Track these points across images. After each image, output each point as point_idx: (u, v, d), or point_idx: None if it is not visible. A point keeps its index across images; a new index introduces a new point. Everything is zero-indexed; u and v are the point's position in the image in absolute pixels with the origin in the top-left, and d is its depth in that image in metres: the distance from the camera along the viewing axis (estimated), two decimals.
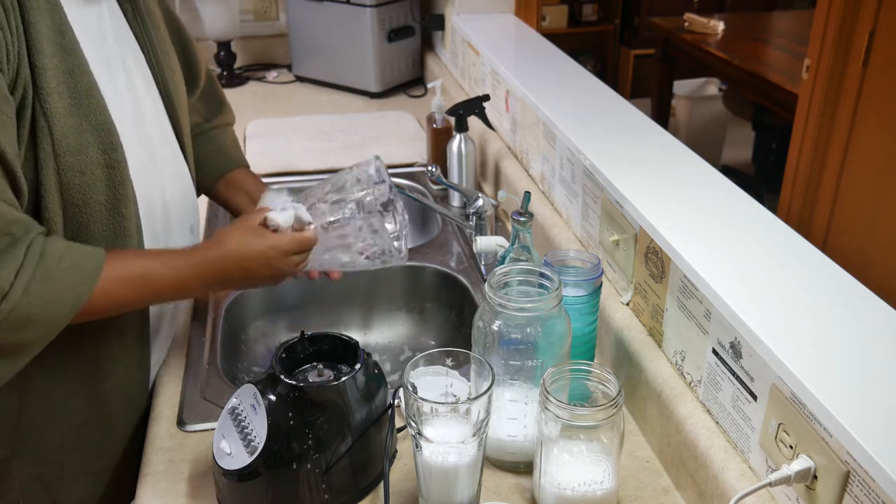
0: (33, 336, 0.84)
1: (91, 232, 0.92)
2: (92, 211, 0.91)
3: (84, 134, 0.88)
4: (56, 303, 0.83)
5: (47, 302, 0.82)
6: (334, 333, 0.97)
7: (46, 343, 0.86)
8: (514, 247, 1.11)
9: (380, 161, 1.01)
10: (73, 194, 0.89)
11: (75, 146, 0.87)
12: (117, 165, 0.92)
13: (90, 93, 0.89)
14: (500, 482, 0.95)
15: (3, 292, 0.79)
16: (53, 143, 0.85)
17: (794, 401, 0.74)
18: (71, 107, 0.86)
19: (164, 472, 0.97)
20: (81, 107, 0.88)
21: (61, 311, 0.84)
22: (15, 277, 0.80)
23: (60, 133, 0.85)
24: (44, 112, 0.84)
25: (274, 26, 2.65)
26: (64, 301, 0.84)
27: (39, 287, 0.81)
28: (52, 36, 0.85)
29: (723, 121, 4.22)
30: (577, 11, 4.75)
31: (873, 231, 1.91)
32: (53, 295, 0.83)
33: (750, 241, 0.95)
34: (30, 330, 0.83)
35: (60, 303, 0.84)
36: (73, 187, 0.89)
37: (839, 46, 1.91)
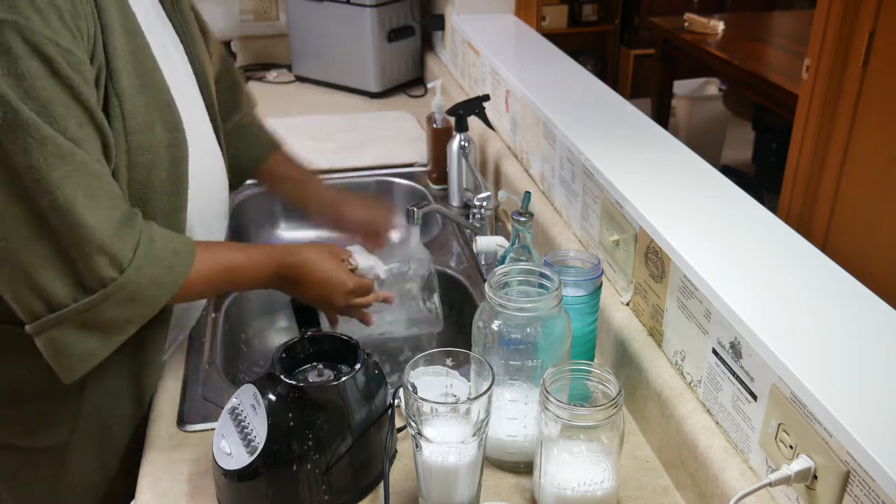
0: (134, 314, 0.89)
1: (150, 207, 0.95)
2: (154, 187, 0.94)
3: (151, 113, 0.91)
4: (160, 284, 0.89)
5: (153, 282, 0.88)
6: (334, 333, 0.97)
7: (141, 325, 0.91)
8: (514, 247, 1.11)
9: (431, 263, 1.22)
10: (140, 171, 0.92)
11: (143, 125, 0.90)
12: (179, 144, 0.95)
13: (154, 73, 0.92)
14: (500, 482, 0.95)
15: (121, 267, 0.85)
16: (124, 122, 0.88)
17: (794, 401, 0.74)
18: (139, 86, 0.89)
19: (164, 472, 0.97)
20: (147, 86, 0.90)
21: (163, 292, 0.90)
22: (133, 254, 0.85)
23: (130, 112, 0.88)
24: (116, 92, 0.86)
25: (274, 26, 2.65)
26: (166, 283, 0.90)
27: (149, 267, 0.87)
28: (119, 18, 0.87)
29: (723, 121, 4.22)
30: (577, 11, 4.74)
31: (873, 231, 1.91)
32: (159, 276, 0.89)
33: (750, 241, 0.95)
34: (133, 307, 0.88)
35: (163, 284, 0.89)
36: (140, 165, 0.92)
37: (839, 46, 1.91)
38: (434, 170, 1.74)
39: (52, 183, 0.79)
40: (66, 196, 0.80)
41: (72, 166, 0.80)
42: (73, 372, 0.88)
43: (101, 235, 0.83)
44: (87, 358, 0.88)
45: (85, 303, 0.84)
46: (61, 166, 0.79)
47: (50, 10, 0.77)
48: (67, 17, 0.80)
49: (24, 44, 0.75)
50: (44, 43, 0.76)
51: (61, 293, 0.83)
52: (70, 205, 0.81)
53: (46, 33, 0.77)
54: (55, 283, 0.83)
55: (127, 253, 0.85)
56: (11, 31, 0.74)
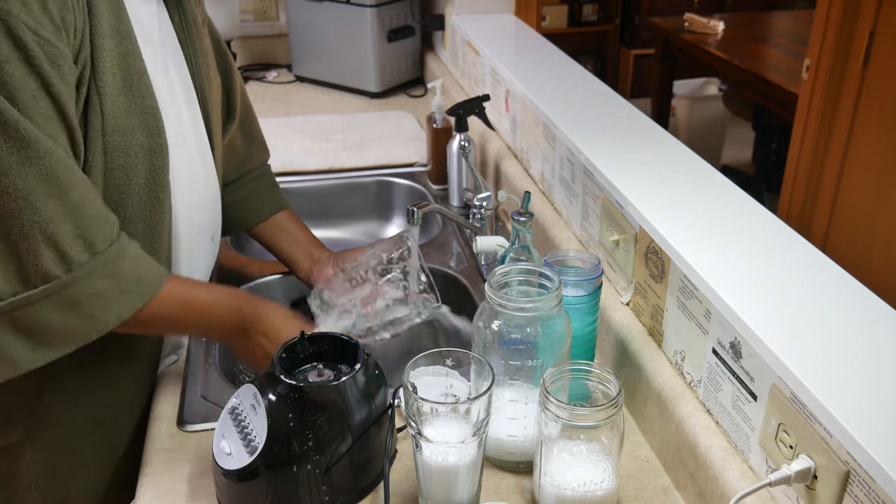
0: (71, 325, 0.84)
1: (127, 213, 0.94)
2: (131, 192, 0.93)
3: (132, 116, 0.89)
4: (107, 302, 0.85)
5: (99, 297, 0.84)
6: (334, 333, 0.97)
7: (77, 345, 0.86)
8: (514, 247, 1.11)
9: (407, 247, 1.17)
10: (116, 174, 0.91)
11: (123, 127, 0.88)
12: (159, 150, 0.94)
13: (141, 78, 0.91)
14: (500, 482, 0.95)
15: (69, 267, 0.81)
16: (103, 122, 0.87)
17: (794, 401, 0.74)
18: (122, 88, 0.88)
19: (164, 472, 0.97)
20: (131, 89, 0.89)
21: (108, 314, 0.86)
22: (88, 259, 0.82)
23: (111, 112, 0.87)
24: (98, 90, 0.85)
25: (274, 26, 2.65)
26: (114, 305, 0.86)
27: (102, 281, 0.84)
28: (110, 19, 0.86)
29: (723, 121, 4.22)
30: (577, 11, 4.75)
31: (873, 231, 1.91)
32: (109, 294, 0.85)
33: (750, 241, 0.95)
34: (71, 316, 0.83)
35: (110, 304, 0.85)
36: (117, 168, 0.90)
37: (839, 46, 1.92)
38: (434, 170, 1.74)
39: (9, 167, 0.77)
40: (24, 182, 0.77)
41: (35, 153, 0.78)
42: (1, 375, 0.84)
43: (55, 230, 0.80)
44: (13, 365, 0.84)
45: (22, 297, 0.80)
46: (22, 150, 0.77)
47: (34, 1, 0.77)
48: (53, 9, 0.79)
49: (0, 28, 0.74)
50: (20, 28, 0.75)
51: (1, 286, 0.80)
52: (25, 192, 0.78)
53: (25, 20, 0.76)
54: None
55: (81, 255, 0.82)
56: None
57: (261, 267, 1.45)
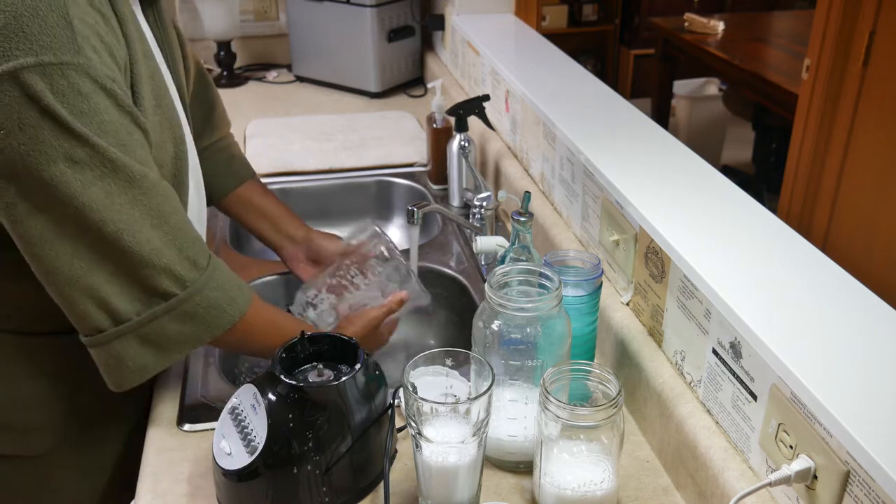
0: (190, 333, 0.92)
1: None
2: None
3: (164, 131, 0.94)
4: (219, 310, 0.93)
5: (212, 306, 0.92)
6: (334, 333, 0.97)
7: (192, 350, 0.94)
8: (514, 247, 1.11)
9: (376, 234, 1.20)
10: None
11: (159, 142, 0.93)
12: (183, 157, 0.99)
13: (166, 93, 0.96)
14: (500, 482, 0.95)
15: (184, 285, 0.89)
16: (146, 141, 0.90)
17: (794, 401, 0.74)
18: (155, 107, 0.92)
19: (164, 472, 0.97)
20: (161, 106, 0.94)
21: (222, 319, 0.93)
22: (198, 276, 0.90)
23: (150, 130, 0.90)
24: (141, 113, 0.89)
25: (274, 26, 2.65)
26: (226, 311, 0.93)
27: (212, 291, 0.92)
28: (139, 44, 0.90)
29: (723, 121, 4.22)
30: (577, 11, 4.75)
31: (873, 231, 1.91)
32: (219, 302, 0.93)
33: (750, 241, 0.95)
34: (190, 326, 0.91)
35: (223, 311, 0.93)
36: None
37: (839, 46, 1.92)
38: (434, 170, 1.74)
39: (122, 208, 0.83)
40: (134, 219, 0.84)
41: (140, 191, 0.85)
42: (126, 384, 0.91)
43: (167, 257, 0.87)
44: (141, 371, 0.91)
45: (147, 315, 0.88)
46: (130, 191, 0.84)
47: (102, 49, 0.81)
48: (115, 52, 0.84)
49: (91, 83, 0.79)
50: (105, 80, 0.81)
51: (125, 307, 0.87)
52: (138, 226, 0.85)
53: (105, 70, 0.81)
54: (120, 299, 0.86)
55: (191, 273, 0.90)
56: (81, 72, 0.78)
57: (260, 267, 1.45)
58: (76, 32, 0.78)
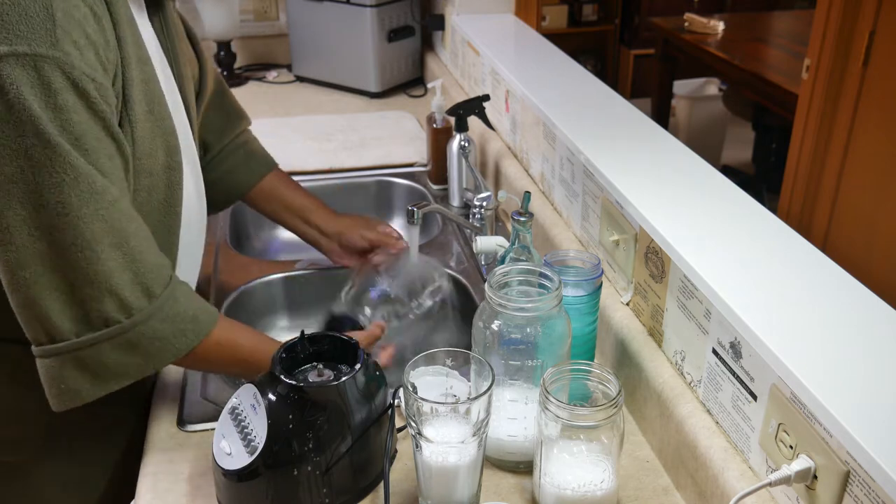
0: (131, 364, 0.88)
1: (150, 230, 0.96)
2: (152, 210, 0.95)
3: (155, 138, 0.92)
4: (166, 343, 0.88)
5: (159, 338, 0.88)
6: (334, 333, 0.97)
7: (135, 380, 0.89)
8: (514, 247, 1.11)
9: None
10: (141, 194, 0.93)
11: (149, 150, 0.91)
12: (177, 167, 0.96)
13: (160, 100, 0.93)
14: (500, 482, 0.95)
15: (129, 313, 0.85)
16: (133, 148, 0.88)
17: (794, 401, 0.74)
18: (147, 113, 0.90)
19: (164, 472, 0.97)
20: (153, 113, 0.91)
21: (167, 353, 0.89)
22: (147, 304, 0.86)
23: (139, 138, 0.89)
24: (129, 119, 0.87)
25: (274, 26, 2.65)
26: (173, 345, 0.89)
27: (160, 323, 0.87)
28: (133, 49, 0.88)
29: (723, 121, 4.22)
30: (577, 11, 4.74)
31: (873, 231, 1.91)
32: (168, 335, 0.88)
33: (750, 241, 0.95)
34: (132, 357, 0.87)
35: (169, 345, 0.89)
36: (142, 188, 0.92)
37: (839, 46, 1.91)
38: (434, 170, 1.74)
39: (80, 220, 0.80)
40: (93, 234, 0.81)
41: (102, 205, 0.81)
42: (62, 403, 0.88)
43: (117, 279, 0.83)
44: (74, 395, 0.87)
45: (85, 339, 0.84)
46: (92, 203, 0.80)
47: (86, 46, 0.79)
48: (101, 52, 0.81)
49: (64, 79, 0.77)
50: (81, 78, 0.78)
51: (65, 326, 0.83)
52: (94, 243, 0.81)
53: (84, 68, 0.78)
54: (61, 316, 0.83)
55: (140, 302, 0.85)
56: (53, 66, 0.76)
57: (261, 267, 1.45)
58: (56, 25, 0.76)
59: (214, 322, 0.93)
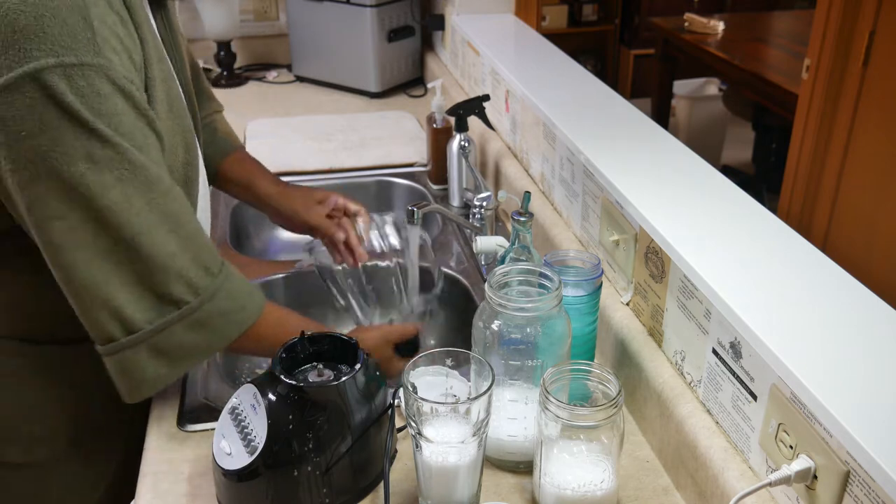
0: (201, 342, 0.91)
1: None
2: None
3: (175, 136, 0.94)
4: (230, 318, 0.92)
5: (223, 314, 0.91)
6: (334, 333, 0.97)
7: (204, 359, 0.94)
8: (514, 247, 1.11)
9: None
10: None
11: (171, 147, 0.92)
12: (193, 162, 0.98)
13: (179, 98, 0.96)
14: (500, 482, 0.95)
15: (197, 293, 0.89)
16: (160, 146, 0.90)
17: (794, 401, 0.74)
18: (168, 111, 0.92)
19: (164, 472, 0.97)
20: (173, 110, 0.93)
21: (232, 327, 0.93)
22: (210, 283, 0.90)
23: (164, 136, 0.90)
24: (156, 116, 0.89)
25: (274, 26, 2.65)
26: (236, 319, 0.93)
27: (223, 300, 0.91)
28: (153, 50, 0.90)
29: (723, 121, 4.22)
30: (577, 11, 4.75)
31: (873, 231, 1.91)
32: (231, 310, 0.92)
33: (750, 241, 0.95)
34: (202, 335, 0.90)
35: (233, 319, 0.92)
36: None
37: (839, 46, 1.91)
38: (434, 170, 1.74)
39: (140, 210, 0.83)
40: (151, 222, 0.84)
41: (157, 194, 0.84)
42: (138, 394, 0.91)
43: (180, 262, 0.87)
44: (154, 382, 0.90)
45: (160, 324, 0.87)
46: (147, 193, 0.83)
47: (122, 51, 0.82)
48: (133, 56, 0.84)
49: (110, 84, 0.79)
50: (123, 82, 0.81)
51: (138, 317, 0.86)
52: (154, 231, 0.84)
53: (124, 72, 0.81)
54: (133, 308, 0.86)
55: (204, 280, 0.89)
56: (100, 73, 0.78)
57: (261, 267, 1.45)
58: (96, 34, 0.78)
59: (263, 299, 0.98)
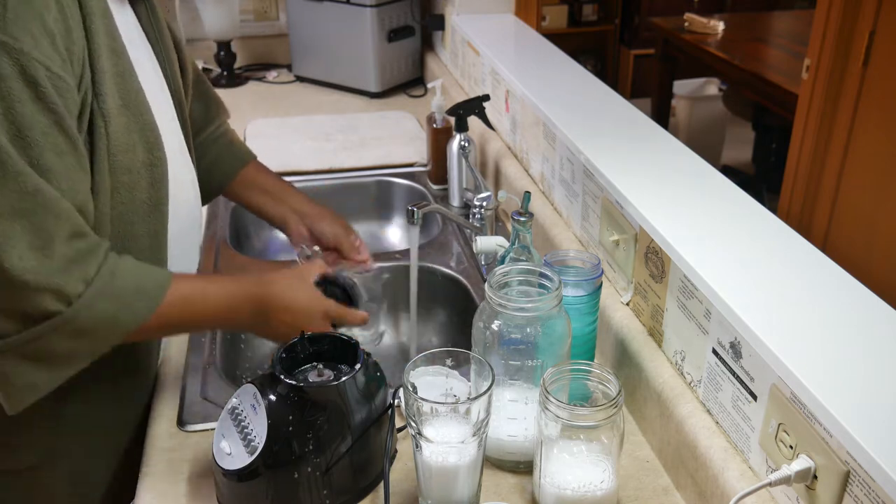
0: (83, 349, 0.85)
1: (133, 229, 0.94)
2: (136, 208, 0.94)
3: (132, 133, 0.90)
4: (113, 320, 0.85)
5: (107, 319, 0.85)
6: (334, 333, 0.97)
7: (92, 359, 0.87)
8: (514, 247, 1.11)
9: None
10: (122, 192, 0.91)
11: (125, 145, 0.89)
12: (159, 163, 0.95)
13: (137, 94, 0.91)
14: (500, 482, 0.95)
15: (68, 301, 0.81)
16: (108, 143, 0.87)
17: (794, 401, 0.74)
18: (121, 107, 0.88)
19: (164, 472, 0.97)
20: (130, 107, 0.90)
21: (117, 330, 0.86)
22: (85, 288, 0.82)
23: (114, 133, 0.87)
24: (101, 113, 0.86)
25: (274, 26, 2.65)
26: (121, 320, 0.86)
27: (103, 303, 0.84)
28: (106, 40, 0.86)
29: (723, 121, 4.22)
30: (577, 11, 4.75)
31: (873, 231, 1.91)
32: (113, 312, 0.85)
33: (750, 241, 0.95)
34: (82, 342, 0.85)
35: (117, 321, 0.86)
36: (122, 185, 0.91)
37: (839, 46, 1.91)
38: (434, 170, 1.74)
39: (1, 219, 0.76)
40: (13, 235, 0.77)
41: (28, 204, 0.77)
42: (16, 403, 0.85)
43: (45, 275, 0.79)
44: (29, 390, 0.84)
45: (30, 332, 0.81)
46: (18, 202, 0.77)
47: (42, 34, 0.77)
48: (59, 42, 0.79)
49: (11, 65, 0.75)
50: (33, 65, 0.76)
51: (6, 325, 0.80)
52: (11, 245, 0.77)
53: (37, 56, 0.76)
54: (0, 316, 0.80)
55: (76, 287, 0.82)
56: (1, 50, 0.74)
57: (261, 267, 1.45)
58: (7, 9, 0.74)
59: (165, 289, 0.89)
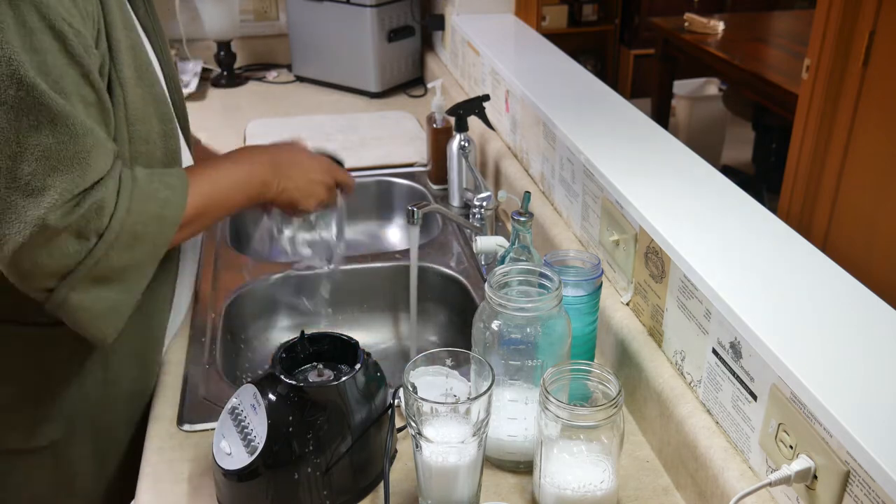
0: (143, 255, 0.89)
1: None
2: None
3: (147, 105, 0.93)
4: (159, 218, 0.89)
5: (150, 218, 0.88)
6: (334, 333, 0.97)
7: (155, 264, 0.91)
8: (514, 247, 1.11)
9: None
10: (140, 162, 0.94)
11: (142, 115, 0.92)
12: (173, 134, 0.98)
13: (149, 67, 0.94)
14: (500, 482, 0.95)
15: (110, 211, 0.84)
16: (126, 112, 0.89)
17: (794, 401, 0.74)
18: (136, 78, 0.91)
19: (163, 472, 0.97)
20: (143, 79, 0.92)
21: (165, 226, 0.90)
22: (117, 196, 0.85)
23: (131, 102, 0.89)
24: (119, 81, 0.88)
25: (274, 26, 2.65)
26: (165, 216, 0.90)
27: (140, 205, 0.87)
28: (119, 13, 0.89)
29: (723, 121, 4.22)
30: (577, 11, 4.75)
31: (873, 231, 1.91)
32: (154, 211, 0.89)
33: (750, 241, 0.95)
34: (139, 248, 0.88)
35: (163, 218, 0.90)
36: (140, 155, 0.94)
37: (839, 46, 1.92)
38: (434, 170, 1.74)
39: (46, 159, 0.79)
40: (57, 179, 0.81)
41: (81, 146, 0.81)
42: (106, 331, 0.89)
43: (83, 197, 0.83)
44: (112, 312, 0.88)
45: (90, 255, 0.84)
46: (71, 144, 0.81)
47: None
48: (79, 3, 0.82)
49: (40, 19, 0.77)
50: (58, 20, 0.78)
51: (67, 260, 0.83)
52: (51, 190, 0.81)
53: (60, 11, 0.79)
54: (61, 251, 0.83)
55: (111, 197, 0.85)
56: (29, 6, 0.76)
57: (261, 267, 1.45)
58: None
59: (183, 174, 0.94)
